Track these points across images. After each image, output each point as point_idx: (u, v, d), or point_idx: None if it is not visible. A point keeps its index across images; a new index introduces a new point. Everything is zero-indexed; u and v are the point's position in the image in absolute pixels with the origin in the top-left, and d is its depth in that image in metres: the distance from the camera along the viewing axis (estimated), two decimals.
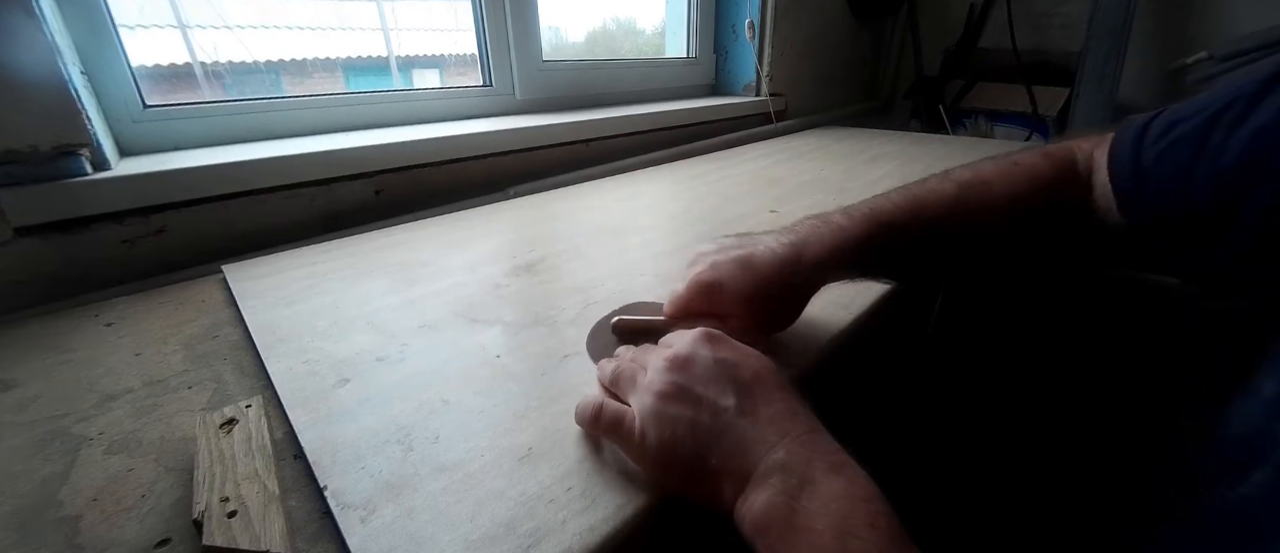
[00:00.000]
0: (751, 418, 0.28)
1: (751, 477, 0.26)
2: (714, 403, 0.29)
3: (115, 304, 0.54)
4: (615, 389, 0.34)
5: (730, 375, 0.30)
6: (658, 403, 0.30)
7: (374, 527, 0.28)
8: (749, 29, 1.28)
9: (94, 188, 0.55)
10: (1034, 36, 1.50)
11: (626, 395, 0.33)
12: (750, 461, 0.27)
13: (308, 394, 0.38)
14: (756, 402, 0.29)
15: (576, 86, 1.10)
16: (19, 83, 0.51)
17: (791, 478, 0.25)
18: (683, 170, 1.02)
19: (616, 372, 0.35)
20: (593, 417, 0.32)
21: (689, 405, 0.29)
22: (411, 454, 0.32)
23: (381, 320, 0.48)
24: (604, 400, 0.32)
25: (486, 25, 0.94)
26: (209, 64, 0.76)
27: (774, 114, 1.36)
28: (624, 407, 0.32)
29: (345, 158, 0.71)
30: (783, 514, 0.25)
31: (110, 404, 0.39)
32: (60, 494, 0.31)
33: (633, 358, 0.36)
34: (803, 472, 0.26)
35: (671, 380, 0.30)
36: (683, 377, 0.30)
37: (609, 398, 0.33)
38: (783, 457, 0.26)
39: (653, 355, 0.33)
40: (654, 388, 0.31)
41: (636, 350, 0.37)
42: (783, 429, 0.28)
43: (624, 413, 0.31)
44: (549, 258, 0.61)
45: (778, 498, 0.25)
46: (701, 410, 0.29)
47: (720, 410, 0.29)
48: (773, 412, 0.29)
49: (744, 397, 0.29)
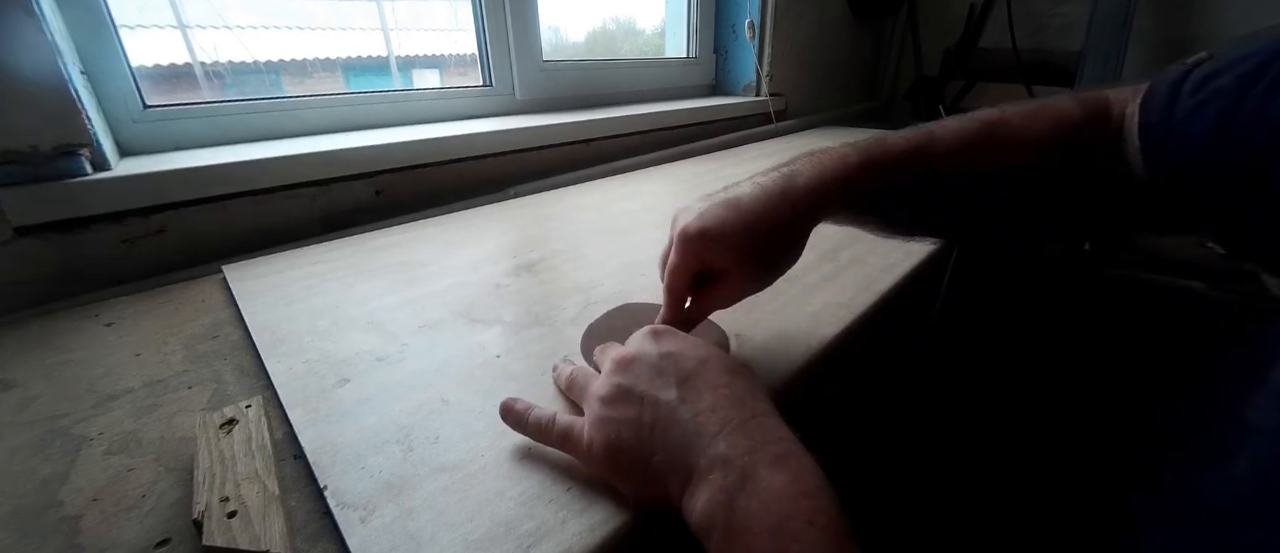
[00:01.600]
0: (691, 408, 0.27)
1: (694, 472, 0.26)
2: (655, 398, 0.28)
3: (115, 304, 0.54)
4: (571, 396, 0.35)
5: (674, 368, 0.29)
6: (602, 408, 0.30)
7: (374, 527, 0.28)
8: (749, 29, 1.28)
9: (94, 188, 0.55)
10: (1034, 36, 1.50)
11: (580, 402, 0.33)
12: (692, 454, 0.26)
13: (308, 394, 0.38)
14: (699, 391, 0.28)
15: (576, 86, 1.10)
16: (19, 83, 0.51)
17: (731, 474, 0.25)
18: (683, 170, 1.02)
19: (570, 379, 0.35)
20: (545, 431, 0.32)
21: (632, 406, 0.29)
22: (411, 454, 0.32)
23: (381, 320, 0.48)
24: (554, 415, 0.32)
25: (486, 25, 0.94)
26: (209, 64, 0.76)
27: (774, 114, 1.36)
28: (571, 419, 0.31)
29: (345, 158, 0.71)
30: (722, 515, 0.24)
31: (110, 404, 0.39)
32: (60, 494, 0.31)
33: (596, 359, 0.36)
34: (743, 466, 0.25)
35: (615, 383, 0.30)
36: (626, 377, 0.30)
37: (567, 404, 0.34)
38: (723, 449, 0.25)
39: (605, 358, 0.33)
40: (598, 394, 0.30)
41: (600, 350, 0.37)
42: (724, 418, 0.27)
43: (572, 425, 0.31)
44: (549, 258, 0.61)
45: (717, 496, 0.24)
46: (644, 408, 0.28)
47: (660, 405, 0.28)
48: (715, 399, 0.28)
49: (685, 388, 0.28)
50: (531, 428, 0.32)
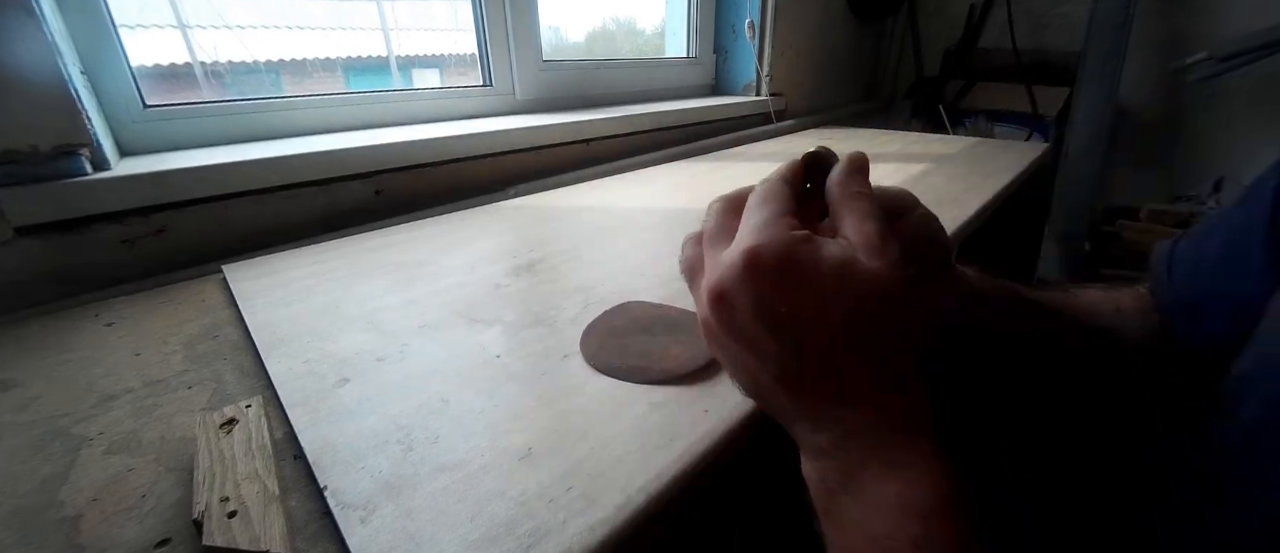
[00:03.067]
0: (792, 390, 0.23)
1: (799, 443, 0.24)
2: (747, 366, 0.24)
3: (115, 304, 0.54)
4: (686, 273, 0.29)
5: (769, 322, 0.23)
6: (705, 326, 0.26)
7: (374, 527, 0.28)
8: (749, 29, 1.28)
9: (94, 188, 0.55)
10: (1034, 36, 1.50)
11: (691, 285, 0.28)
12: (795, 428, 0.24)
13: (308, 394, 0.38)
14: (803, 362, 0.23)
15: (576, 86, 1.10)
16: (19, 83, 0.51)
17: (830, 472, 0.22)
18: (683, 170, 1.02)
19: (687, 262, 0.28)
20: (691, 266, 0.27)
21: (726, 352, 0.25)
22: (411, 454, 0.32)
23: (381, 320, 0.48)
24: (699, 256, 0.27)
25: (486, 25, 0.94)
26: (209, 64, 0.76)
27: (774, 114, 1.36)
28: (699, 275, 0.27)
29: (345, 158, 0.71)
30: (821, 504, 0.22)
31: (110, 404, 0.39)
32: (60, 494, 0.31)
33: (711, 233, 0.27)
34: (846, 467, 0.22)
35: (706, 319, 0.25)
36: (716, 315, 0.24)
37: None
38: (823, 442, 0.22)
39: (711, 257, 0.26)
40: (702, 315, 0.26)
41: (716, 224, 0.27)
42: (832, 415, 0.22)
43: (696, 274, 0.27)
44: (549, 258, 0.61)
45: (818, 485, 0.22)
46: (738, 368, 0.25)
47: (754, 373, 0.24)
48: (823, 366, 0.22)
49: (789, 356, 0.23)
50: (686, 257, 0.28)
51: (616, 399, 0.37)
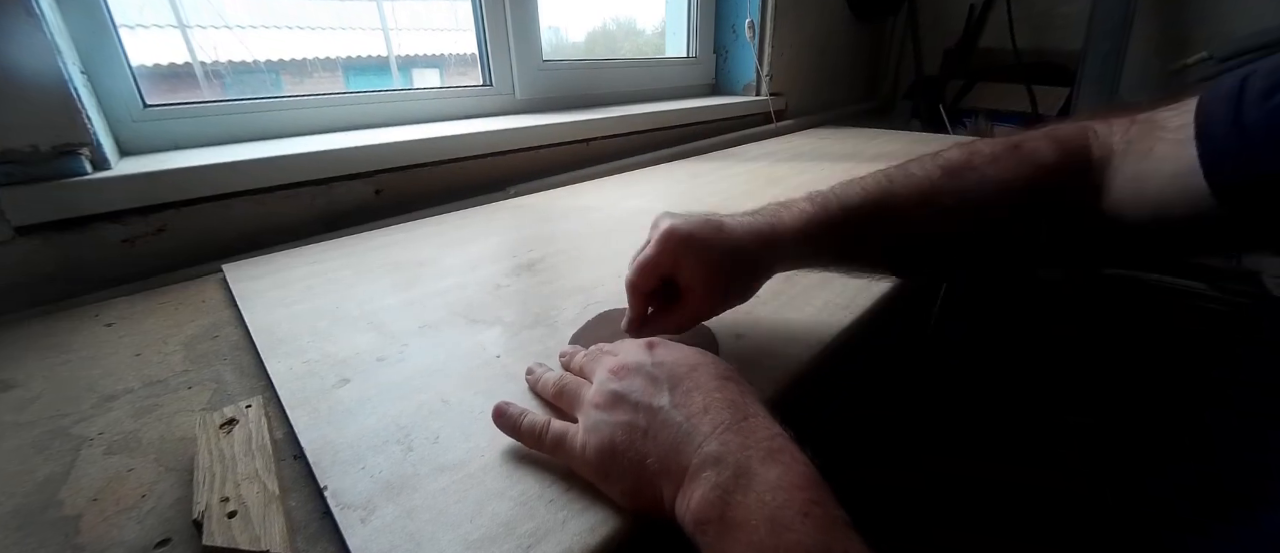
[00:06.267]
0: (684, 411, 0.28)
1: (687, 472, 0.26)
2: (649, 404, 0.29)
3: (115, 304, 0.54)
4: (559, 403, 0.35)
5: (666, 373, 0.30)
6: (597, 413, 0.30)
7: (374, 527, 0.28)
8: (749, 29, 1.28)
9: (94, 188, 0.55)
10: (1034, 36, 1.50)
11: (572, 410, 0.33)
12: (685, 456, 0.27)
13: (308, 394, 0.38)
14: (690, 394, 0.29)
15: (576, 86, 1.09)
16: (19, 83, 0.51)
17: (725, 471, 0.25)
18: (683, 170, 1.02)
19: (559, 385, 0.35)
20: (538, 437, 0.32)
21: (626, 410, 0.29)
22: (411, 454, 0.32)
23: (381, 320, 0.48)
24: (548, 420, 0.32)
25: (486, 25, 0.94)
26: (209, 64, 0.76)
27: (774, 114, 1.36)
28: (565, 424, 0.32)
29: (345, 158, 0.71)
30: (717, 510, 0.24)
31: (110, 404, 0.39)
32: (60, 494, 0.31)
33: (581, 366, 0.36)
34: (736, 463, 0.25)
35: (610, 389, 0.31)
36: (621, 383, 0.31)
37: (552, 411, 0.34)
38: (715, 448, 0.26)
39: (598, 366, 0.33)
40: (594, 400, 0.31)
41: (585, 357, 0.37)
42: (716, 420, 0.27)
43: (566, 431, 0.31)
44: (549, 258, 0.61)
45: (711, 493, 0.25)
46: (638, 413, 0.29)
47: (655, 410, 0.29)
48: (707, 402, 0.28)
49: (677, 392, 0.29)
50: (525, 433, 0.32)
51: None
